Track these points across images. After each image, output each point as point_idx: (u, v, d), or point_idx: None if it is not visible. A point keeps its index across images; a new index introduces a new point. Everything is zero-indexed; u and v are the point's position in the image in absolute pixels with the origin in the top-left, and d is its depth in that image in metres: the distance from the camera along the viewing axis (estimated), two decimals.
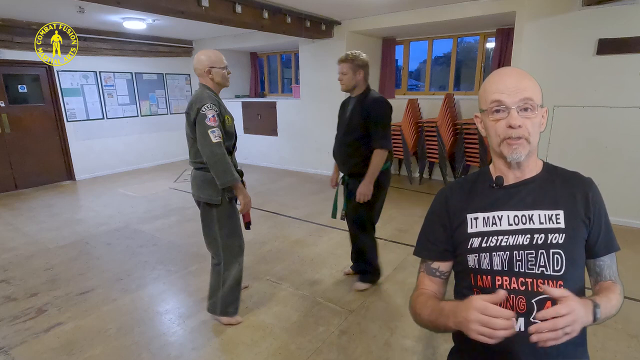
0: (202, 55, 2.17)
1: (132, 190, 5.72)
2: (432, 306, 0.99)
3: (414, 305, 1.07)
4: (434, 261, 1.12)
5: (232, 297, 2.36)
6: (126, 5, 3.39)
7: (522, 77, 0.98)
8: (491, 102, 0.98)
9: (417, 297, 1.08)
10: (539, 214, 1.00)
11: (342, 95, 2.77)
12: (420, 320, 1.04)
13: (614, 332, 2.25)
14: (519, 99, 0.95)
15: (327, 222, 4.10)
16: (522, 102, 0.95)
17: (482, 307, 0.79)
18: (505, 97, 0.96)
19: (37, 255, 3.48)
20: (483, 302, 0.80)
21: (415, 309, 1.05)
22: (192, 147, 2.20)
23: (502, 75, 1.00)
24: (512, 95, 0.95)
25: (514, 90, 0.96)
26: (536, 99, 0.97)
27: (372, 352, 2.14)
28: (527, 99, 0.95)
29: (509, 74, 0.99)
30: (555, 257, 0.96)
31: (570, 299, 0.79)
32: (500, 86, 0.97)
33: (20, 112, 5.72)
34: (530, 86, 0.97)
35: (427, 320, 1.00)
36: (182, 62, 7.54)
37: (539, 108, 0.98)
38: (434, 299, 1.04)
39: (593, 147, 3.87)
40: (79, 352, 2.18)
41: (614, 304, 0.95)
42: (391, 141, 2.57)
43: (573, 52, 3.77)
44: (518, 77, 0.98)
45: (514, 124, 0.95)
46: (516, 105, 0.95)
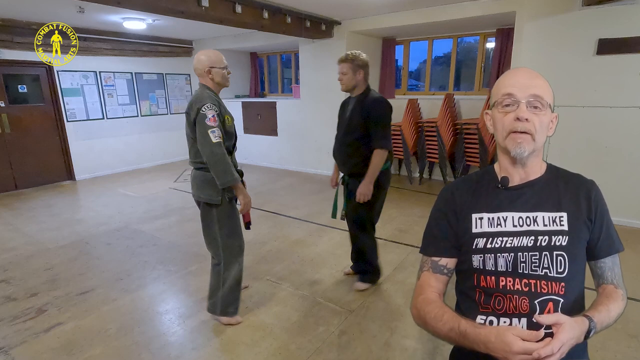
0: (202, 55, 2.17)
1: (132, 190, 5.72)
2: (449, 323, 0.95)
3: (423, 315, 1.03)
4: (442, 257, 1.11)
5: (232, 297, 2.36)
6: (126, 5, 3.39)
7: (535, 76, 1.01)
8: (502, 95, 1.00)
9: (426, 305, 1.04)
10: (543, 216, 1.01)
11: (342, 95, 2.77)
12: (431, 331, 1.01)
13: (614, 332, 2.25)
14: (530, 94, 0.97)
15: (327, 222, 4.10)
16: (533, 97, 0.97)
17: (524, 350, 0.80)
18: (516, 91, 0.98)
19: (37, 255, 3.48)
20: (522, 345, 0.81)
21: (426, 318, 1.01)
22: (192, 147, 2.20)
23: (516, 72, 1.03)
24: (523, 89, 0.98)
25: (525, 86, 0.98)
26: (547, 99, 0.99)
27: (372, 352, 2.14)
28: (538, 96, 0.97)
29: (523, 71, 1.02)
30: (558, 259, 0.97)
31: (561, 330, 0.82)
32: (513, 81, 1.00)
33: (20, 112, 5.72)
34: (542, 85, 0.99)
35: (443, 337, 0.98)
36: (182, 62, 7.54)
37: (549, 109, 0.99)
38: (449, 311, 1.00)
39: (593, 147, 3.87)
40: (79, 352, 2.18)
41: (612, 315, 0.95)
42: (391, 141, 2.57)
43: (573, 52, 3.77)
44: (531, 75, 1.01)
45: (522, 116, 0.96)
46: (526, 100, 0.97)
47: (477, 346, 0.89)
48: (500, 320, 0.99)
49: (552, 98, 1.01)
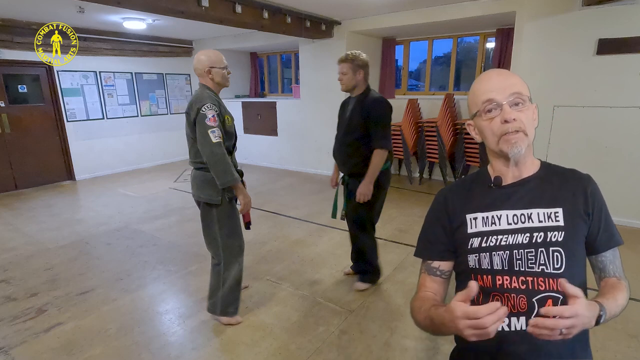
0: (202, 55, 2.17)
1: (132, 190, 5.72)
2: (424, 312, 0.99)
3: (411, 310, 1.07)
4: (434, 260, 1.12)
5: (232, 297, 2.36)
6: (126, 5, 3.39)
7: (507, 75, 1.00)
8: (482, 102, 0.99)
9: (414, 302, 1.08)
10: (537, 213, 1.00)
11: (342, 95, 2.77)
12: (418, 325, 1.04)
13: (614, 332, 2.25)
14: (509, 94, 0.97)
15: (327, 222, 4.10)
16: (512, 96, 0.97)
17: (465, 314, 0.79)
18: (495, 95, 0.97)
19: (37, 255, 3.48)
20: (463, 309, 0.79)
21: (413, 313, 1.06)
22: (192, 147, 2.20)
23: (487, 76, 1.02)
24: (501, 91, 0.97)
25: (502, 87, 0.97)
26: (525, 93, 0.98)
27: (372, 352, 2.14)
28: (517, 93, 0.97)
29: (495, 74, 1.01)
30: (555, 255, 0.96)
31: (579, 303, 0.78)
32: (489, 86, 0.99)
33: (20, 112, 5.72)
34: (517, 82, 0.99)
35: (423, 326, 1.00)
36: (182, 62, 7.54)
37: (530, 102, 0.99)
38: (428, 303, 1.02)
39: (593, 147, 3.87)
40: (79, 352, 2.18)
41: (620, 304, 0.94)
42: (391, 141, 2.57)
43: (573, 52, 3.77)
44: (504, 75, 1.00)
45: (509, 118, 0.96)
46: (507, 100, 0.97)
47: (443, 327, 0.88)
48: None
49: (529, 90, 1.01)
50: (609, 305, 0.90)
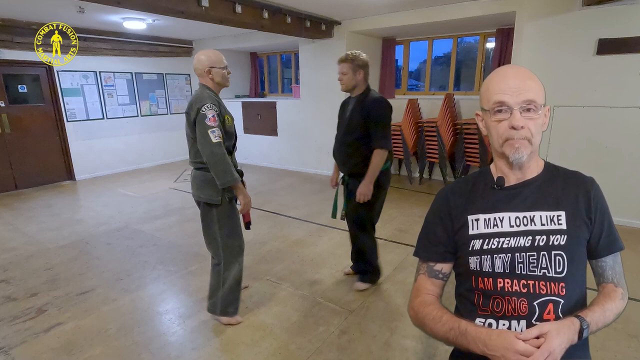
0: (202, 55, 2.17)
1: (132, 190, 5.71)
2: (449, 323, 0.96)
3: (421, 317, 1.03)
4: (437, 263, 1.11)
5: (232, 297, 2.36)
6: (126, 5, 3.39)
7: (525, 78, 0.96)
8: (494, 103, 0.96)
9: (424, 307, 1.04)
10: (540, 215, 0.99)
11: (342, 95, 2.77)
12: (429, 333, 1.02)
13: (614, 332, 2.25)
14: (522, 100, 0.93)
15: (327, 222, 4.10)
16: (525, 103, 0.94)
17: (525, 351, 0.82)
18: (508, 98, 0.94)
19: (37, 255, 3.48)
20: (525, 347, 0.83)
21: (425, 320, 1.02)
22: (192, 147, 2.20)
23: (505, 74, 0.98)
24: (515, 95, 0.94)
25: (517, 91, 0.94)
26: (539, 100, 0.95)
27: (372, 352, 2.14)
28: (531, 101, 0.94)
29: (512, 74, 0.97)
30: (557, 258, 0.95)
31: (549, 337, 0.83)
32: (503, 86, 0.95)
33: (20, 112, 5.72)
34: (533, 87, 0.95)
35: (441, 337, 0.98)
36: (182, 62, 7.54)
37: (542, 108, 0.96)
38: (448, 312, 1.00)
39: (593, 147, 3.87)
40: (79, 352, 2.18)
41: (608, 315, 0.95)
42: (391, 141, 2.57)
43: (573, 52, 3.77)
44: (521, 78, 0.96)
45: (517, 125, 0.94)
46: (519, 106, 0.94)
47: (475, 345, 0.89)
48: (500, 323, 0.98)
49: (544, 94, 0.98)
50: (594, 317, 0.91)
